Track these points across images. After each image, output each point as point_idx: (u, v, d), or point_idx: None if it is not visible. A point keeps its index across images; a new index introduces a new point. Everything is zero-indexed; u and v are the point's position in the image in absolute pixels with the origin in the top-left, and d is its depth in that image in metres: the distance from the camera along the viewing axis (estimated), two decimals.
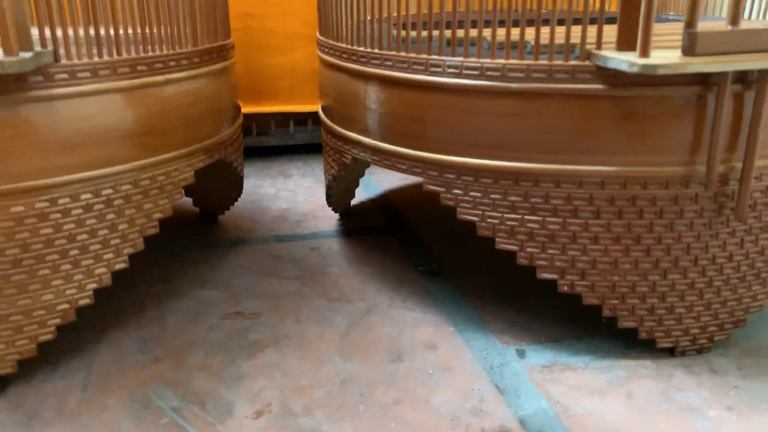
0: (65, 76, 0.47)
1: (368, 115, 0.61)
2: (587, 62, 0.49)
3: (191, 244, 0.80)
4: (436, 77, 0.54)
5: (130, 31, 0.52)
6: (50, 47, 0.47)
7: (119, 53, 0.50)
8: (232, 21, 1.02)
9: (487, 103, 0.52)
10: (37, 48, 0.46)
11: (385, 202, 0.95)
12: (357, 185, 0.91)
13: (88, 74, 0.48)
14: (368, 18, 0.59)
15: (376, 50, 0.58)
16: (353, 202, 0.94)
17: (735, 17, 0.46)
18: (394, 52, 0.57)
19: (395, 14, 0.55)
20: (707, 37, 0.45)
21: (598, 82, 0.49)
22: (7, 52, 0.43)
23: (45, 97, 0.47)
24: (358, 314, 0.63)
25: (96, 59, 0.49)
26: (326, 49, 0.68)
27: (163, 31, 0.54)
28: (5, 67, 0.42)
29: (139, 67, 0.52)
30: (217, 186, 0.80)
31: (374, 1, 0.58)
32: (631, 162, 0.51)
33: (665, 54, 0.47)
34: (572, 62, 0.49)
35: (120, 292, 0.67)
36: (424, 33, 0.56)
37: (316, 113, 1.11)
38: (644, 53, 0.46)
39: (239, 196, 0.83)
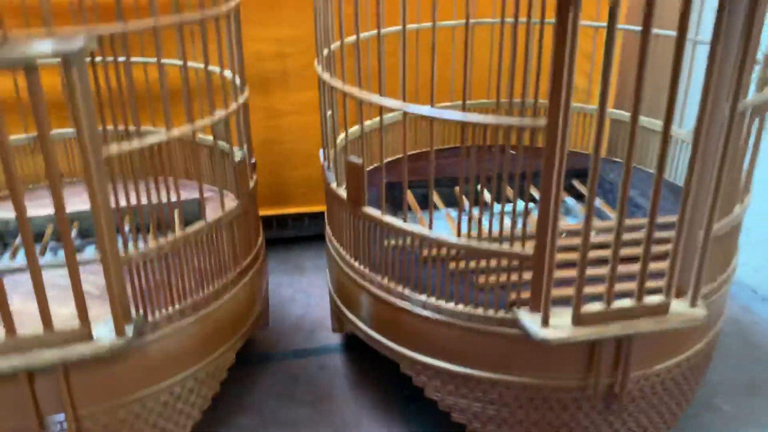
0: (150, 328, 0.69)
1: (362, 308, 0.83)
2: (510, 315, 0.70)
3: None
4: (408, 304, 0.75)
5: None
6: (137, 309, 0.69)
7: (185, 299, 0.72)
8: (259, 146, 1.23)
9: (444, 328, 0.74)
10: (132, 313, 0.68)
11: None
12: None
13: (166, 322, 0.70)
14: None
15: (367, 270, 0.80)
16: None
17: (610, 299, 0.66)
18: (379, 277, 0.78)
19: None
20: (590, 315, 0.66)
21: (518, 328, 0.70)
22: (119, 333, 0.65)
23: (135, 348, 0.69)
24: None
25: (170, 309, 0.71)
26: (331, 242, 0.89)
27: (213, 269, 0.76)
28: (112, 350, 0.63)
29: (200, 306, 0.73)
30: None
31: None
32: (543, 376, 0.72)
33: (561, 321, 0.67)
34: (500, 315, 0.70)
35: None
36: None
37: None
38: (545, 323, 0.67)
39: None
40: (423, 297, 0.74)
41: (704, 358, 0.82)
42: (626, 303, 0.67)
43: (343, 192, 0.80)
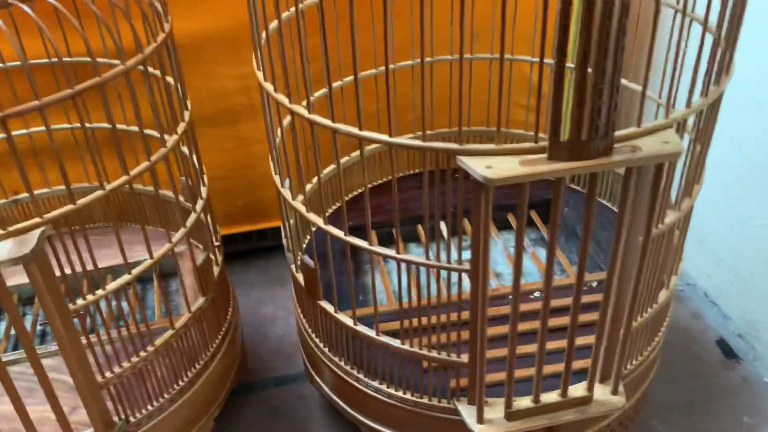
0: (132, 428, 0.78)
1: (325, 376, 0.91)
2: (451, 405, 0.79)
3: None
4: (363, 387, 0.84)
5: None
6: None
7: (162, 396, 0.81)
8: (233, 171, 1.28)
9: (397, 409, 0.82)
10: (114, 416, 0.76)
11: None
12: None
13: (146, 419, 0.79)
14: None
15: (326, 349, 0.87)
16: None
17: (537, 397, 0.74)
18: (336, 358, 0.86)
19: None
20: (520, 412, 0.74)
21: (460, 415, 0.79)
22: None
23: None
24: None
25: (155, 403, 0.79)
26: (295, 306, 0.96)
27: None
28: None
29: (176, 398, 0.82)
30: None
31: None
32: None
33: (495, 414, 0.76)
34: (443, 404, 0.79)
35: None
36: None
37: None
38: (480, 420, 0.75)
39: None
40: (375, 383, 0.82)
41: (634, 410, 0.91)
42: (552, 398, 0.75)
43: (301, 278, 0.87)
